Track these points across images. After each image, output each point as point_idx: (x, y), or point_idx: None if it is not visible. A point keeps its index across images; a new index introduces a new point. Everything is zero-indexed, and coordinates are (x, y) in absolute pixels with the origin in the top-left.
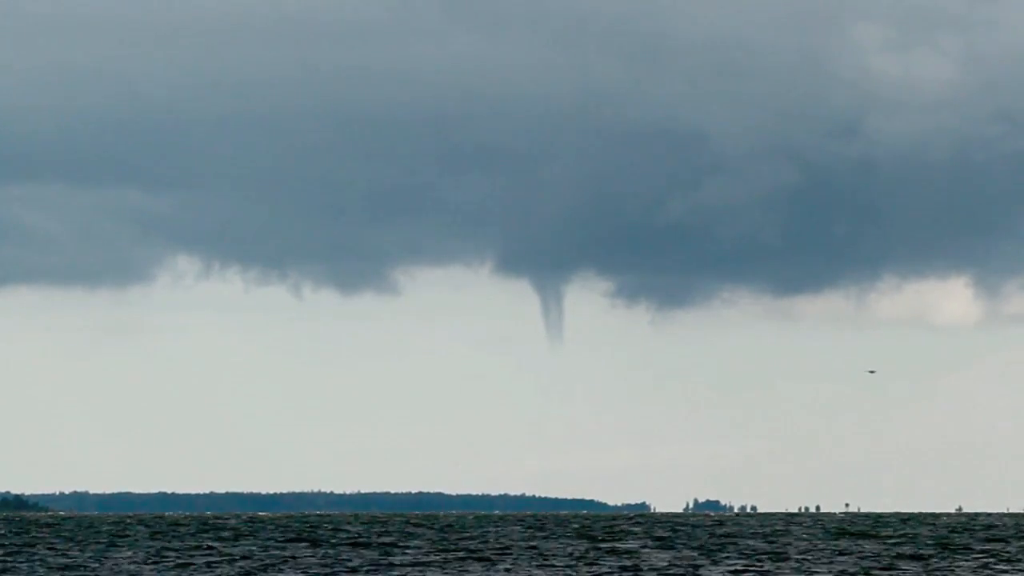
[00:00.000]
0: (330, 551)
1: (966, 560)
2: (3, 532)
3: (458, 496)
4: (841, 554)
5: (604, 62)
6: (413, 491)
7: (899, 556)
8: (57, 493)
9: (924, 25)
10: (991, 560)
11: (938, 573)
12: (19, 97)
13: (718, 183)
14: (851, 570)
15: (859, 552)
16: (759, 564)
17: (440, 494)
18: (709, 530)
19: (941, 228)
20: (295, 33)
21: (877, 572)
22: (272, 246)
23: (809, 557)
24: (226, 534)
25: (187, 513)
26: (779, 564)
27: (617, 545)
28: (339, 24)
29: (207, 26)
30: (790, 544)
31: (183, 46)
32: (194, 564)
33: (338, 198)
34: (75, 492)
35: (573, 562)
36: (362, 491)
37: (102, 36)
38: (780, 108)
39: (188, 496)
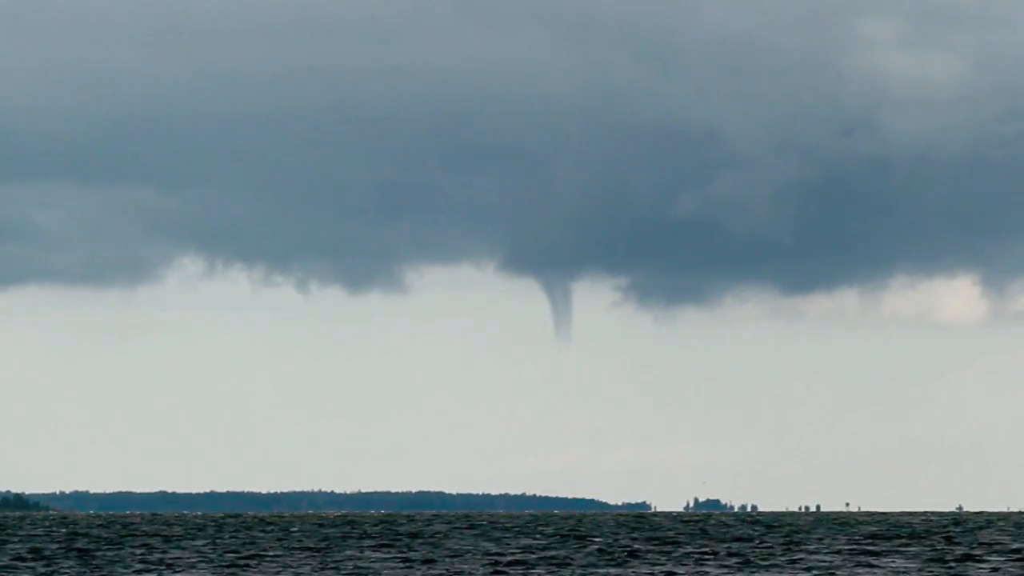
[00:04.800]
0: None
1: None
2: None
3: (458, 495)
4: None
5: (614, 60)
6: (413, 490)
7: None
8: (57, 492)
9: (937, 22)
10: None
11: None
12: (26, 96)
13: (728, 181)
14: None
15: None
16: None
17: (440, 493)
18: None
19: (952, 226)
20: (303, 30)
21: None
22: (279, 244)
23: None
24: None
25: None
26: None
27: None
28: (348, 22)
29: (214, 24)
30: None
31: (191, 44)
32: None
33: (345, 196)
34: (75, 492)
35: None
36: (362, 491)
37: (109, 34)
38: (791, 106)
39: (188, 496)
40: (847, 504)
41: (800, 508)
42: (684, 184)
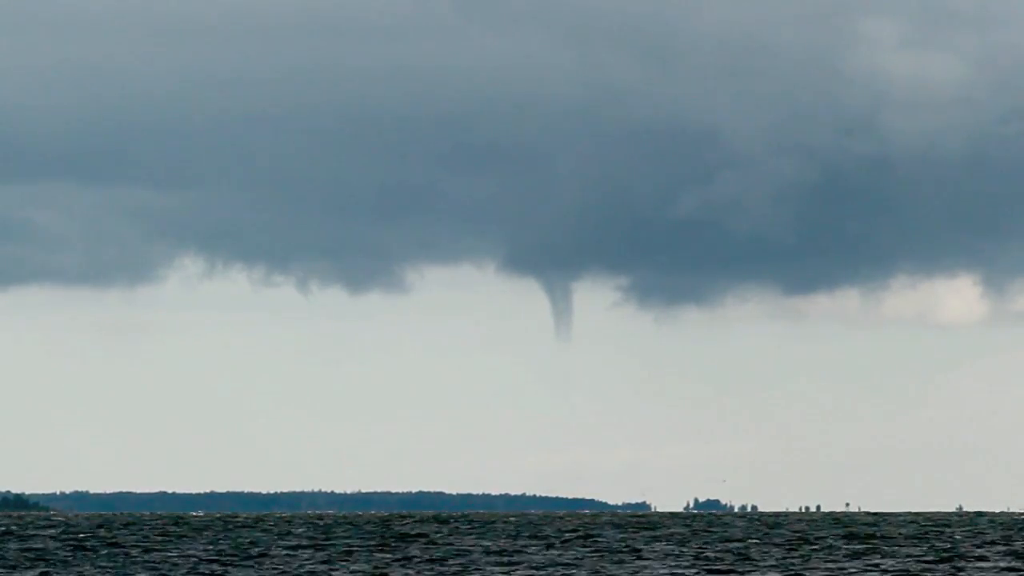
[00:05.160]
0: None
1: None
2: None
3: (459, 495)
4: None
5: (614, 60)
6: (413, 491)
7: None
8: (57, 493)
9: (938, 22)
10: None
11: None
12: (26, 96)
13: (729, 181)
14: None
15: None
16: None
17: (440, 493)
18: None
19: (953, 226)
20: (304, 30)
21: None
22: (279, 244)
23: None
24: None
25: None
26: None
27: None
28: (349, 22)
29: (215, 23)
30: None
31: (191, 43)
32: None
33: (346, 196)
34: (75, 492)
35: None
36: (362, 491)
37: (109, 34)
38: (792, 106)
39: (188, 496)
40: (847, 504)
41: (800, 508)
42: (685, 184)
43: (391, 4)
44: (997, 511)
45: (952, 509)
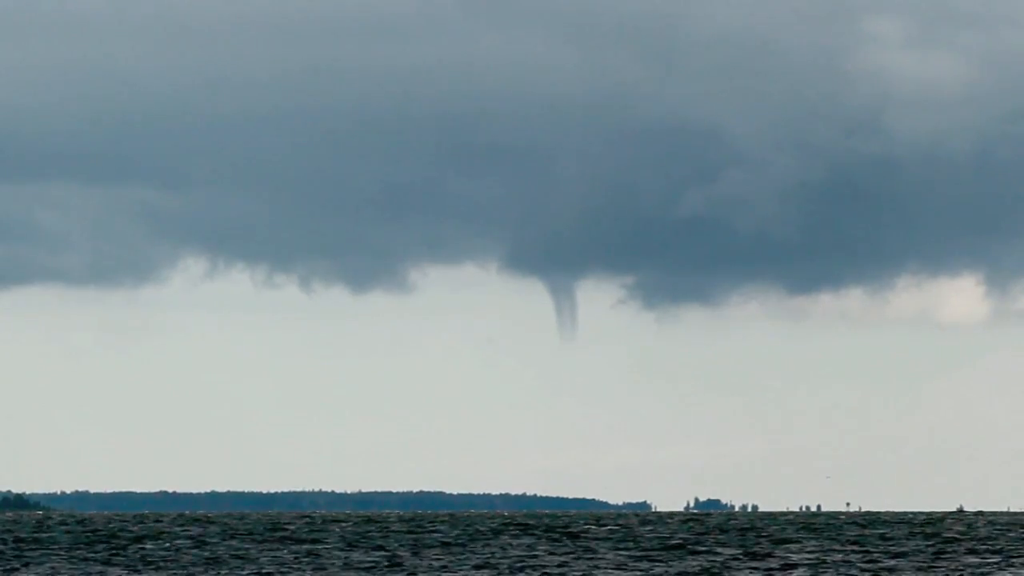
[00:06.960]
0: None
1: None
2: None
3: (459, 495)
4: None
5: (618, 59)
6: (414, 490)
7: None
8: (58, 492)
9: (943, 22)
10: None
11: None
12: (29, 96)
13: (733, 180)
14: None
15: None
16: None
17: (441, 493)
18: None
19: (957, 226)
20: (306, 30)
21: None
22: (282, 243)
23: None
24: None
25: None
26: None
27: None
28: (351, 21)
29: (217, 23)
30: None
31: (193, 43)
32: None
33: (349, 195)
34: (76, 492)
35: None
36: (363, 490)
37: (112, 34)
38: (796, 105)
39: (188, 495)
40: (847, 504)
41: (800, 508)
42: (689, 183)
43: (393, 4)
44: (998, 510)
45: (953, 509)
